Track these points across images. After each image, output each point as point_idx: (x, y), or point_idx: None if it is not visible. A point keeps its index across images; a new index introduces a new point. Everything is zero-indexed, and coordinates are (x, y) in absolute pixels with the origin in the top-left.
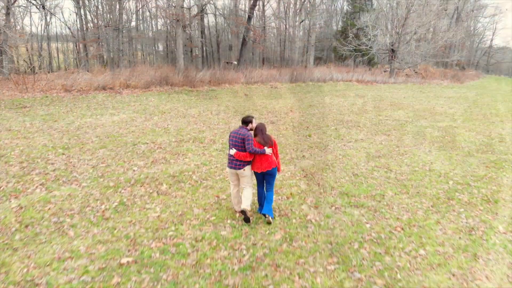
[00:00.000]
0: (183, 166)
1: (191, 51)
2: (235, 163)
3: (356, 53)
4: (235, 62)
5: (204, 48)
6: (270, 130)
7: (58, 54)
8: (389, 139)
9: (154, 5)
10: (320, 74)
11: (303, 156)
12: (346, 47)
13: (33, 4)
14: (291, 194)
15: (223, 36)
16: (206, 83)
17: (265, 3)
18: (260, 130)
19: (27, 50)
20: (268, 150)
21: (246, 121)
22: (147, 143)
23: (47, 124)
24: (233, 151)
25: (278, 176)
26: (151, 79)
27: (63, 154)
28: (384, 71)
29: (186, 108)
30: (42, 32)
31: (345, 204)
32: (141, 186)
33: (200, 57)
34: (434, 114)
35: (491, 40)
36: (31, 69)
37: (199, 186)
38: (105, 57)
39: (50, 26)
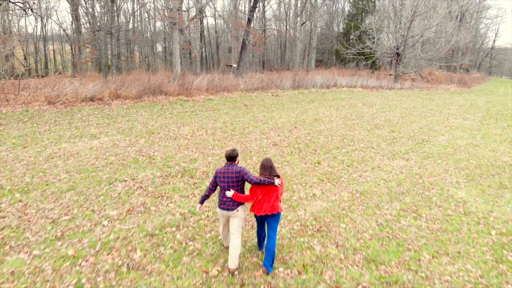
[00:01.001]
0: (166, 216)
1: (190, 53)
2: (228, 204)
3: (359, 57)
4: (235, 65)
5: (204, 49)
6: (273, 155)
7: (54, 56)
8: (409, 166)
9: (152, 6)
10: (323, 80)
11: (314, 194)
12: (349, 50)
13: (20, 7)
14: (303, 266)
15: (223, 37)
16: (203, 91)
17: (265, 5)
18: (269, 167)
19: (23, 53)
20: (277, 181)
21: (233, 156)
22: (126, 181)
23: (14, 153)
24: (230, 193)
25: (285, 232)
26: (143, 88)
27: (20, 201)
28: (390, 75)
29: (179, 125)
30: (38, 33)
31: (375, 281)
32: (108, 254)
33: (198, 59)
34: (450, 128)
35: (494, 41)
36: (17, 75)
37: (184, 251)
38: (101, 60)
39: (45, 28)
